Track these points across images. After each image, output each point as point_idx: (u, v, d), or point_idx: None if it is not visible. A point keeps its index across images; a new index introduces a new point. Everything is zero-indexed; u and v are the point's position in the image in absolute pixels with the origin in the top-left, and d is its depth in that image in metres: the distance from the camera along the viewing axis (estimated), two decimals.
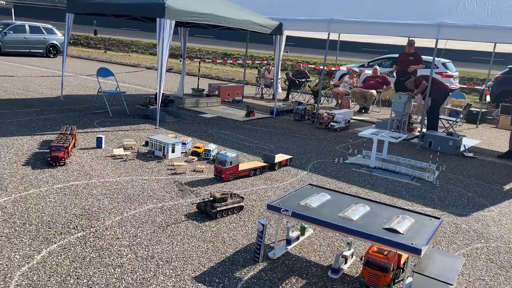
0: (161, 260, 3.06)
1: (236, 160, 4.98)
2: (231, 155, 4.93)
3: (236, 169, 5.00)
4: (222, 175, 4.89)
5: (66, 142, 5.08)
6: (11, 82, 10.91)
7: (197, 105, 10.18)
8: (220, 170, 4.90)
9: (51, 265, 2.87)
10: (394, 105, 8.44)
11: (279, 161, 5.60)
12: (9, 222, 3.42)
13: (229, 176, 4.92)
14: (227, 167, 4.88)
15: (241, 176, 5.08)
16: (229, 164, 4.90)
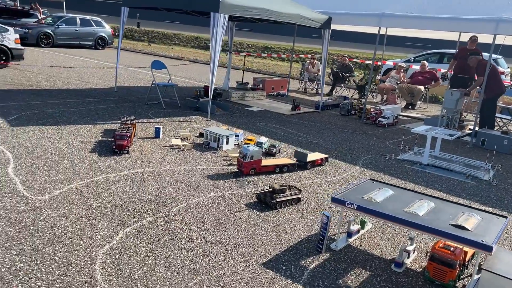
0: (229, 246, 3.21)
1: (258, 154, 4.82)
2: (253, 149, 4.77)
3: (258, 164, 4.85)
4: (242, 169, 4.79)
5: (129, 132, 5.34)
6: (67, 73, 11.45)
7: (243, 98, 10.33)
8: (241, 164, 4.80)
9: (129, 246, 3.08)
10: (446, 102, 8.26)
11: (312, 160, 5.34)
12: (86, 205, 3.67)
13: (249, 170, 4.79)
14: (247, 161, 4.75)
15: (264, 172, 4.92)
16: (250, 158, 4.75)
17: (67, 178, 4.20)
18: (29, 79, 9.89)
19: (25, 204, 3.55)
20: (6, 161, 4.50)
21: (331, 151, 6.30)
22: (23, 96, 7.85)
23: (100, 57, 16.70)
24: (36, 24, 19.33)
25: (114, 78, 10.47)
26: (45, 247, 2.95)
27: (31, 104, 7.28)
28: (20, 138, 5.30)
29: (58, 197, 3.76)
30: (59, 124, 6.20)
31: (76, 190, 3.96)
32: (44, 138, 5.44)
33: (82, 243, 3.04)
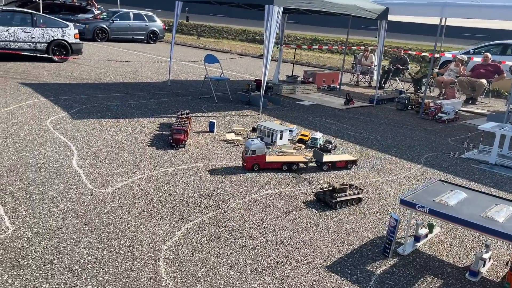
0: (290, 246, 3.13)
1: (262, 149, 4.55)
2: (255, 144, 4.52)
3: (262, 160, 4.57)
4: (244, 163, 4.60)
5: (185, 126, 5.37)
6: (122, 67, 11.77)
7: (294, 92, 10.19)
8: (243, 158, 4.60)
9: (191, 242, 3.06)
10: None
11: (331, 161, 4.87)
12: (147, 199, 3.71)
13: (252, 165, 4.53)
14: (249, 156, 4.50)
15: (269, 168, 4.64)
16: (251, 153, 4.50)
17: (128, 172, 4.28)
18: (87, 73, 10.26)
19: (90, 197, 3.63)
20: (70, 153, 4.65)
21: (389, 147, 6.05)
22: (83, 90, 8.14)
23: (153, 51, 17.08)
24: (92, 19, 20.06)
25: (167, 72, 10.64)
26: (111, 240, 2.99)
27: (91, 97, 7.52)
28: (82, 131, 5.47)
29: (120, 190, 3.83)
30: (118, 117, 6.36)
31: (137, 183, 4.01)
32: (104, 131, 5.58)
33: (145, 238, 3.06)
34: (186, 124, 5.49)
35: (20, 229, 3.02)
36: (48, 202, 3.47)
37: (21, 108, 6.34)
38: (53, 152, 4.62)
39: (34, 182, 3.81)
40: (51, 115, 6.09)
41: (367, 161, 5.36)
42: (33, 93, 7.42)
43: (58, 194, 3.63)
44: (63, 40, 11.51)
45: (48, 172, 4.07)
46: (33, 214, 3.25)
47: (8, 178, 3.84)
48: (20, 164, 4.18)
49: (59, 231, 3.04)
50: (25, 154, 4.48)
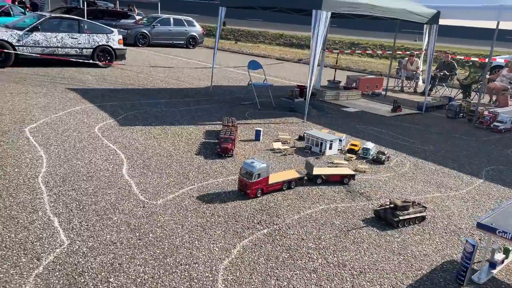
0: (354, 270, 2.92)
1: (266, 171, 3.97)
2: (259, 165, 3.90)
3: (265, 183, 4.00)
4: (247, 190, 3.91)
5: (232, 134, 5.25)
6: (164, 72, 11.87)
7: (337, 98, 9.93)
8: (245, 185, 3.91)
9: (249, 262, 2.91)
10: None
11: (323, 174, 4.43)
12: (199, 212, 3.60)
13: (256, 191, 3.94)
14: (254, 181, 3.88)
15: (272, 191, 4.09)
16: (257, 177, 3.90)
17: (178, 182, 4.19)
18: (131, 78, 10.38)
19: (142, 209, 3.56)
20: (120, 161, 4.61)
21: (445, 159, 5.71)
22: (128, 96, 8.20)
23: (192, 56, 17.20)
24: (134, 24, 20.46)
25: (208, 77, 10.65)
26: (166, 257, 2.88)
27: (136, 104, 7.56)
28: (130, 138, 5.46)
29: (172, 202, 3.74)
30: (164, 124, 6.33)
31: (187, 195, 3.91)
32: (151, 138, 5.55)
33: (201, 256, 2.93)
34: (233, 132, 5.37)
35: (75, 242, 2.97)
36: (101, 214, 3.41)
37: (70, 114, 6.43)
38: (103, 160, 4.61)
39: (86, 192, 3.78)
40: (99, 122, 6.13)
41: (424, 174, 5.05)
42: (81, 99, 7.53)
43: (111, 205, 3.57)
44: (108, 46, 11.73)
45: (99, 181, 4.03)
46: (87, 226, 3.20)
47: (61, 187, 3.83)
48: (72, 173, 4.17)
49: (114, 246, 2.96)
50: (76, 162, 4.48)
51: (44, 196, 3.63)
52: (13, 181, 3.87)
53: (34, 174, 4.07)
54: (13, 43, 10.15)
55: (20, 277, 2.56)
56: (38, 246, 2.88)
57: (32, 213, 3.32)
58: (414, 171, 5.12)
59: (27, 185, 3.81)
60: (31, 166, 4.24)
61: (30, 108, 6.54)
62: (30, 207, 3.41)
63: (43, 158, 4.50)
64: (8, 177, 3.93)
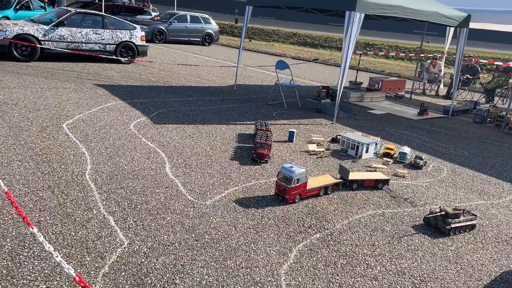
0: (414, 278, 2.90)
1: (305, 176, 3.91)
2: (298, 170, 3.84)
3: (304, 188, 3.95)
4: (285, 196, 3.84)
5: (268, 139, 5.21)
6: (185, 70, 11.89)
7: (362, 100, 9.88)
8: (284, 189, 3.85)
9: (308, 267, 2.90)
10: None
11: (359, 179, 4.40)
12: (249, 214, 3.60)
13: (294, 197, 3.89)
14: (293, 186, 3.83)
15: (309, 196, 4.05)
16: (296, 182, 3.83)
17: (222, 183, 4.19)
18: (154, 75, 10.40)
19: (193, 209, 3.56)
20: (161, 160, 4.63)
21: (481, 166, 5.67)
22: (155, 93, 8.22)
23: (210, 54, 17.20)
24: (151, 21, 20.50)
25: (229, 75, 10.67)
26: (226, 260, 2.88)
27: (165, 101, 7.57)
28: (166, 137, 5.47)
29: (220, 203, 3.74)
30: (196, 123, 6.33)
31: (233, 196, 3.91)
32: (187, 137, 5.55)
33: (260, 259, 2.93)
34: (269, 137, 5.32)
35: (134, 242, 2.98)
36: (154, 213, 3.42)
37: (103, 110, 6.45)
38: (145, 158, 4.62)
39: (135, 191, 3.79)
40: (132, 119, 6.15)
41: (464, 181, 5.02)
42: (110, 95, 7.56)
43: (161, 205, 3.58)
44: (131, 42, 11.75)
45: (145, 180, 4.04)
46: (142, 226, 3.21)
47: (109, 185, 3.84)
48: (117, 171, 4.19)
49: (173, 247, 2.97)
50: (119, 160, 4.50)
51: (95, 193, 3.65)
52: (62, 178, 3.89)
53: (80, 171, 4.09)
54: (39, 38, 10.22)
55: (88, 276, 2.57)
56: (100, 245, 2.89)
57: (86, 211, 3.34)
58: (453, 177, 5.08)
59: (76, 182, 3.83)
60: (76, 163, 4.26)
61: (64, 103, 6.57)
62: (83, 205, 3.42)
63: (86, 155, 4.52)
64: (56, 174, 3.96)
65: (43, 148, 4.57)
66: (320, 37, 31.40)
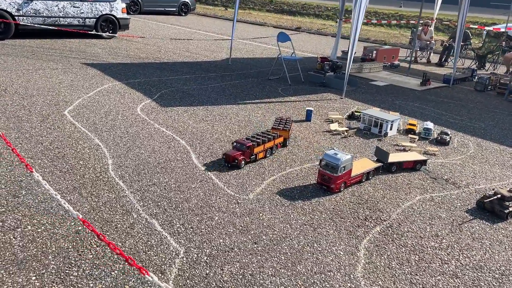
0: (494, 272, 2.74)
1: (350, 163, 3.65)
2: (344, 157, 3.56)
3: (349, 176, 3.68)
4: (331, 185, 3.56)
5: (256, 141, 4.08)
6: (171, 43, 11.28)
7: (361, 71, 9.63)
8: (329, 178, 3.55)
9: (384, 267, 2.69)
10: None
11: (398, 161, 4.17)
12: (298, 207, 3.34)
13: (340, 186, 3.64)
14: (339, 175, 3.54)
15: (353, 183, 3.79)
16: (342, 170, 3.56)
17: (256, 172, 3.90)
18: (142, 51, 9.80)
19: (238, 206, 3.27)
20: (184, 149, 4.27)
21: (503, 138, 5.58)
22: (150, 71, 7.71)
23: (188, 24, 16.47)
24: None
25: (219, 49, 10.25)
26: (295, 265, 2.63)
27: (163, 80, 7.11)
28: (180, 121, 5.09)
29: (263, 196, 3.46)
30: (203, 104, 5.95)
31: (274, 187, 3.64)
32: (201, 121, 5.19)
33: (330, 262, 2.70)
34: (268, 138, 4.20)
35: (190, 250, 2.68)
36: (199, 213, 3.12)
37: (101, 93, 5.96)
38: (166, 148, 4.25)
39: (170, 187, 3.45)
40: (136, 102, 5.70)
41: (493, 156, 4.90)
42: (103, 75, 7.02)
43: (203, 202, 3.27)
44: (111, 15, 11.00)
45: (176, 174, 3.70)
46: (192, 229, 2.90)
47: (140, 182, 3.49)
48: (141, 164, 3.82)
49: (234, 253, 2.69)
50: (139, 151, 4.12)
51: (127, 193, 3.29)
52: (85, 176, 3.50)
53: (103, 167, 3.70)
54: (12, 13, 9.37)
55: None
56: (154, 257, 2.58)
57: (125, 215, 3.00)
58: (481, 153, 4.96)
59: (102, 180, 3.46)
60: (95, 158, 3.86)
61: (57, 87, 6.03)
62: (119, 208, 3.08)
63: (102, 148, 4.12)
64: (78, 172, 3.56)
65: (52, 142, 4.13)
66: (297, 3, 30.73)
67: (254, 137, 4.17)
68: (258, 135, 4.24)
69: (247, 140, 4.06)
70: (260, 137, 4.18)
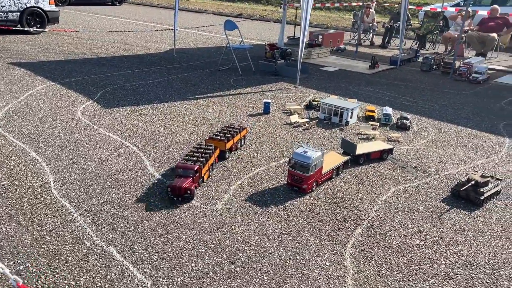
0: (485, 268, 2.62)
1: (321, 160, 3.40)
2: (314, 155, 3.28)
3: (320, 173, 3.42)
4: (302, 185, 3.29)
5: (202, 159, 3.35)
6: (108, 36, 10.52)
7: (309, 56, 9.48)
8: (300, 179, 3.28)
9: (374, 277, 2.48)
10: None
11: (365, 153, 3.99)
12: (272, 214, 3.07)
13: (312, 185, 3.37)
14: (310, 174, 3.27)
15: (324, 181, 3.54)
16: (314, 168, 3.29)
17: (220, 176, 3.56)
18: (76, 46, 9.02)
19: (206, 219, 2.93)
20: (137, 156, 3.84)
21: (457, 118, 5.61)
22: (87, 68, 7.06)
23: (124, 14, 15.59)
24: None
25: (160, 40, 9.68)
26: (280, 285, 2.35)
27: (103, 77, 6.51)
28: (127, 124, 4.61)
29: (232, 204, 3.14)
30: (151, 101, 5.49)
31: (242, 192, 3.33)
32: (151, 121, 4.74)
33: (317, 276, 2.44)
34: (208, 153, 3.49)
35: (159, 281, 2.31)
36: (163, 232, 2.74)
37: (34, 97, 5.31)
38: (115, 156, 3.80)
39: (125, 205, 3.03)
40: (76, 105, 5.13)
41: (454, 138, 4.89)
42: (34, 76, 6.30)
43: (167, 219, 2.90)
44: (38, 7, 10.03)
45: (131, 187, 3.28)
46: (158, 254, 2.53)
47: (89, 201, 3.03)
48: (89, 179, 3.35)
49: (209, 278, 2.36)
50: (84, 162, 3.63)
51: (76, 216, 2.84)
52: (23, 199, 3.00)
53: (43, 186, 3.20)
54: None
55: None
56: None
57: (76, 244, 2.56)
58: (442, 135, 4.93)
59: (44, 203, 2.97)
60: (32, 176, 3.34)
61: None
62: (68, 236, 2.63)
63: (40, 162, 3.59)
64: (14, 195, 3.04)
65: None
66: None
67: (194, 153, 3.43)
68: (196, 149, 3.53)
69: (188, 161, 3.29)
70: (200, 153, 3.46)
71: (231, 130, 4.00)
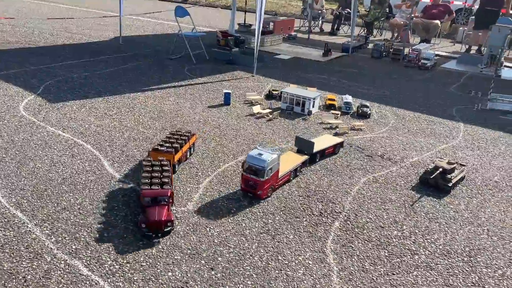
0: (462, 256, 2.65)
1: (278, 163, 3.10)
2: (270, 157, 2.98)
3: (277, 177, 3.14)
4: (257, 191, 3.00)
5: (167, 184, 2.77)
6: (46, 23, 9.76)
7: (262, 44, 9.32)
8: (255, 184, 2.98)
9: (359, 272, 2.42)
10: (493, 39, 7.84)
11: (321, 149, 3.77)
12: (247, 212, 2.93)
13: (268, 191, 3.09)
14: (266, 179, 2.98)
15: (281, 185, 3.27)
16: (269, 173, 3.00)
17: (188, 174, 3.36)
18: (10, 34, 8.28)
19: (179, 222, 2.73)
20: (92, 156, 3.54)
21: (411, 105, 5.74)
22: (24, 58, 6.49)
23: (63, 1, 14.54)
24: None
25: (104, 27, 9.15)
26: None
27: (44, 69, 6.01)
28: (78, 119, 4.26)
29: (202, 203, 2.97)
30: (102, 94, 5.13)
31: (212, 189, 3.16)
32: (105, 117, 4.42)
33: (302, 276, 2.35)
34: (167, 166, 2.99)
35: None
36: (132, 239, 2.52)
37: None
38: (69, 157, 3.47)
39: (85, 210, 2.76)
40: (17, 100, 4.67)
41: (413, 124, 4.98)
42: None
43: (134, 223, 2.67)
44: None
45: (89, 190, 3.00)
46: (129, 264, 2.31)
47: (45, 208, 2.74)
48: (41, 183, 3.03)
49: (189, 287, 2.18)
50: (34, 165, 3.29)
51: (31, 227, 2.54)
52: None
53: None
54: None
55: None
56: None
57: (35, 259, 2.29)
58: (401, 122, 5.02)
59: None
60: None
61: None
62: (24, 250, 2.34)
63: None
64: None
65: None
66: None
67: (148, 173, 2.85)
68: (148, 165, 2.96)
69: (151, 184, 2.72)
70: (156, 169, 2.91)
71: (179, 139, 3.46)
